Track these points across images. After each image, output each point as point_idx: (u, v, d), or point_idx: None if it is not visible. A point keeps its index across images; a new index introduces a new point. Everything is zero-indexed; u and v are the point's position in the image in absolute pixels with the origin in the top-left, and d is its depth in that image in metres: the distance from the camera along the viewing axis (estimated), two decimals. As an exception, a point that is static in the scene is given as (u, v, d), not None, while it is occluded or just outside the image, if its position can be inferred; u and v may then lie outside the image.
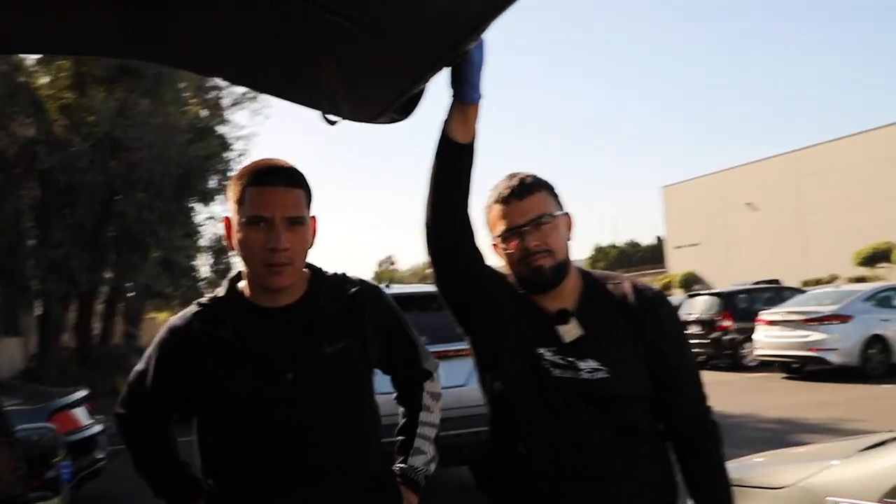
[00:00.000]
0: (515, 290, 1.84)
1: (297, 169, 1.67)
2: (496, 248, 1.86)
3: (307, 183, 1.67)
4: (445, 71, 1.60)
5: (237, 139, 18.11)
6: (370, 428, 1.74)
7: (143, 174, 12.65)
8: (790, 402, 10.46)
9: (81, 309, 16.69)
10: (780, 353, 13.04)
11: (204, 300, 1.74)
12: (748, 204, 40.43)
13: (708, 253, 42.51)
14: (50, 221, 13.26)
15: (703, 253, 42.93)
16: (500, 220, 1.81)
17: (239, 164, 17.40)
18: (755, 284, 19.32)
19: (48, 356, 14.01)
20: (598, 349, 1.75)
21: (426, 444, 1.87)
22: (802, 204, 37.44)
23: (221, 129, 17.95)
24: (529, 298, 1.83)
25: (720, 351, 14.93)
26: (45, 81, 13.94)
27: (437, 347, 3.39)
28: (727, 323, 15.08)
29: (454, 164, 1.69)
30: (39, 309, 14.71)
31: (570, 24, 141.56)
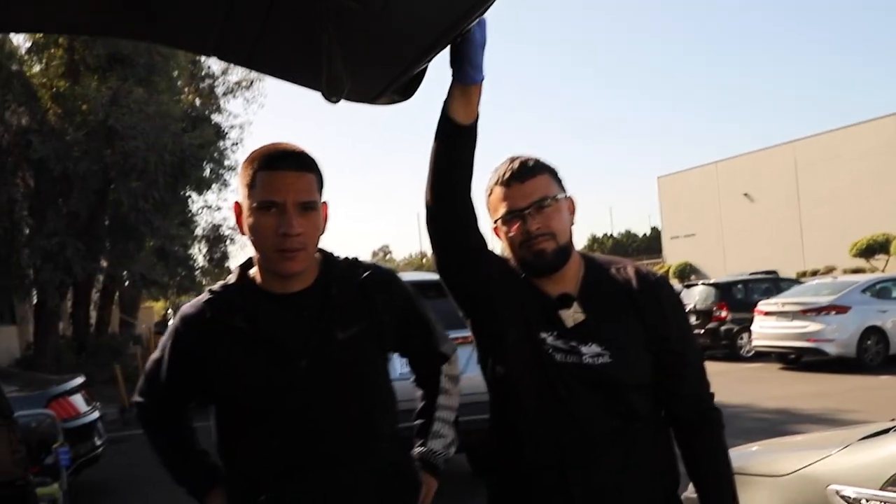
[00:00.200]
0: (517, 274, 1.82)
1: (308, 153, 1.64)
2: (497, 231, 1.84)
3: (319, 167, 1.65)
4: (446, 51, 1.57)
5: (231, 128, 18.10)
6: (385, 414, 1.72)
7: (137, 163, 12.56)
8: (787, 392, 10.50)
9: (77, 297, 16.67)
10: (777, 343, 13.08)
11: (215, 287, 1.72)
12: (745, 194, 40.44)
13: (704, 243, 42.53)
14: (44, 210, 13.20)
15: (699, 243, 42.95)
16: (501, 202, 1.78)
17: (234, 152, 17.40)
18: (752, 275, 19.36)
19: (44, 344, 13.99)
20: (600, 334, 1.74)
21: (445, 427, 1.86)
22: (800, 195, 37.46)
23: (216, 117, 17.92)
24: (531, 282, 1.81)
25: (717, 341, 14.95)
26: (37, 70, 13.86)
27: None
28: (724, 313, 15.11)
29: (455, 145, 1.67)
30: (35, 298, 14.67)
31: (568, 13, 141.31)
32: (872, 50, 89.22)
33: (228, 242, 19.04)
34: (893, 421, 2.85)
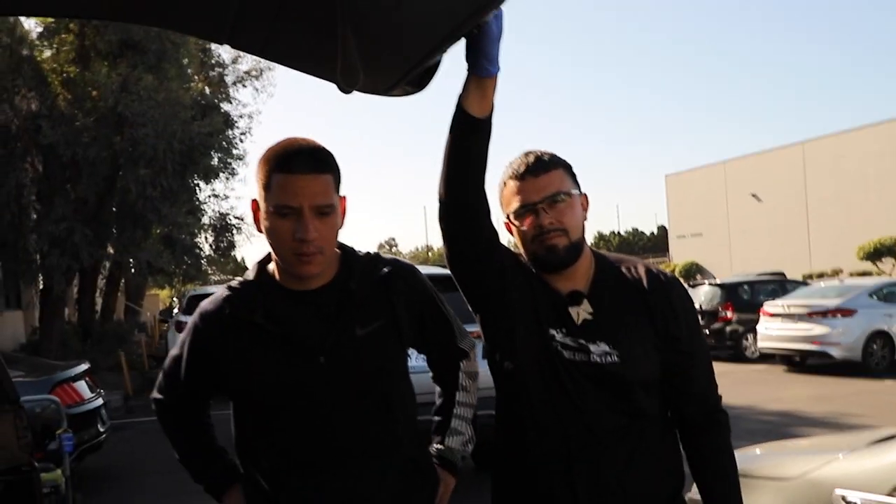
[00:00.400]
0: (528, 269, 1.81)
1: (324, 150, 1.61)
2: (509, 226, 1.83)
3: (335, 164, 1.61)
4: (461, 42, 1.55)
5: (240, 117, 18.07)
6: (405, 410, 1.71)
7: (146, 150, 12.57)
8: (791, 394, 10.47)
9: (83, 284, 16.71)
10: (782, 345, 13.04)
11: (234, 284, 1.71)
12: (753, 194, 40.27)
13: (710, 243, 42.40)
14: (53, 196, 13.23)
15: (705, 243, 42.82)
16: (514, 196, 1.77)
17: (242, 141, 17.38)
18: (759, 276, 19.30)
19: (50, 330, 14.03)
20: (609, 332, 1.73)
21: (463, 424, 1.84)
22: (807, 196, 37.29)
23: (225, 106, 17.89)
24: (542, 278, 1.80)
25: (722, 342, 14.92)
26: (48, 55, 13.86)
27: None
28: (729, 314, 15.08)
29: (470, 138, 1.65)
30: (42, 283, 14.71)
31: (578, 10, 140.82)
32: (883, 52, 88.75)
33: (235, 232, 19.05)
34: (902, 426, 2.83)
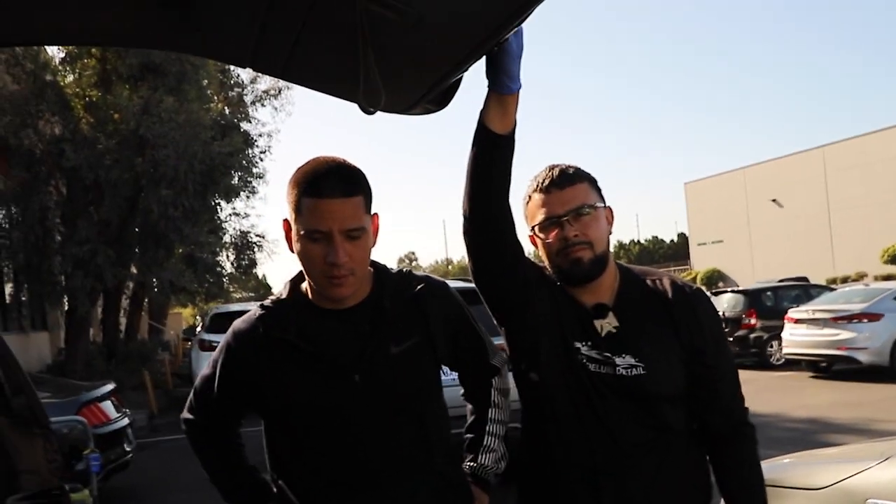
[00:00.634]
0: (552, 282, 1.82)
1: (354, 169, 1.59)
2: (534, 239, 1.83)
3: (366, 184, 1.60)
4: (482, 60, 1.57)
5: (260, 136, 18.22)
6: (439, 428, 1.70)
7: (167, 171, 12.69)
8: (818, 401, 10.33)
9: (107, 304, 16.86)
10: (807, 351, 12.88)
11: (267, 303, 1.71)
12: (773, 200, 39.94)
13: (732, 250, 42.07)
14: (76, 218, 13.39)
15: (726, 250, 42.51)
16: (539, 209, 1.78)
17: (262, 160, 17.52)
18: (781, 282, 19.10)
19: (75, 351, 14.16)
20: (635, 345, 1.73)
21: (496, 441, 1.83)
22: (829, 200, 36.92)
23: (244, 125, 18.05)
24: (566, 291, 1.80)
25: (746, 349, 14.77)
26: (71, 80, 14.09)
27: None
28: (753, 321, 14.94)
29: (493, 154, 1.66)
30: (66, 304, 14.88)
31: (594, 21, 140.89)
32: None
33: (256, 249, 19.18)
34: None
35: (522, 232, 1.80)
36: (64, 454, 4.47)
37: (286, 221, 1.63)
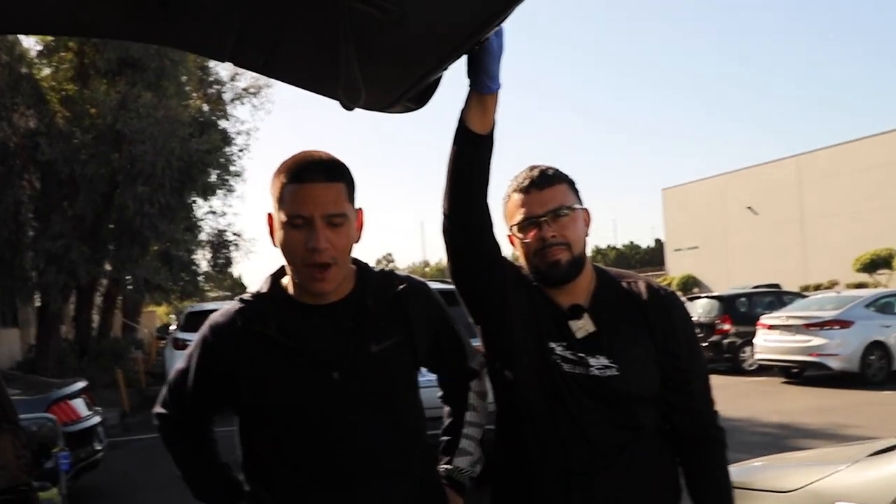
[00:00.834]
0: (529, 282, 1.83)
1: (338, 161, 1.60)
2: (512, 239, 1.84)
3: (349, 175, 1.61)
4: (463, 60, 1.57)
5: (238, 134, 18.11)
6: (416, 429, 1.69)
7: (144, 167, 12.56)
8: (789, 406, 10.45)
9: (80, 301, 16.65)
10: (780, 357, 13.05)
11: (246, 296, 1.68)
12: (749, 208, 40.40)
13: (707, 256, 42.48)
14: (50, 213, 13.21)
15: (702, 256, 42.91)
16: (518, 208, 1.79)
17: (240, 158, 17.44)
18: (755, 288, 19.32)
19: (47, 348, 13.97)
20: (609, 347, 1.75)
21: (472, 444, 1.82)
22: (803, 209, 37.42)
23: (223, 123, 17.94)
24: (543, 292, 1.81)
25: (719, 354, 14.92)
26: (47, 73, 13.90)
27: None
28: (727, 326, 15.09)
29: (472, 153, 1.67)
30: (38, 300, 14.67)
31: (572, 24, 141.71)
32: (878, 64, 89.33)
33: (232, 248, 19.05)
34: (901, 437, 2.83)
35: (501, 233, 1.81)
36: (33, 452, 4.41)
37: (269, 215, 1.62)
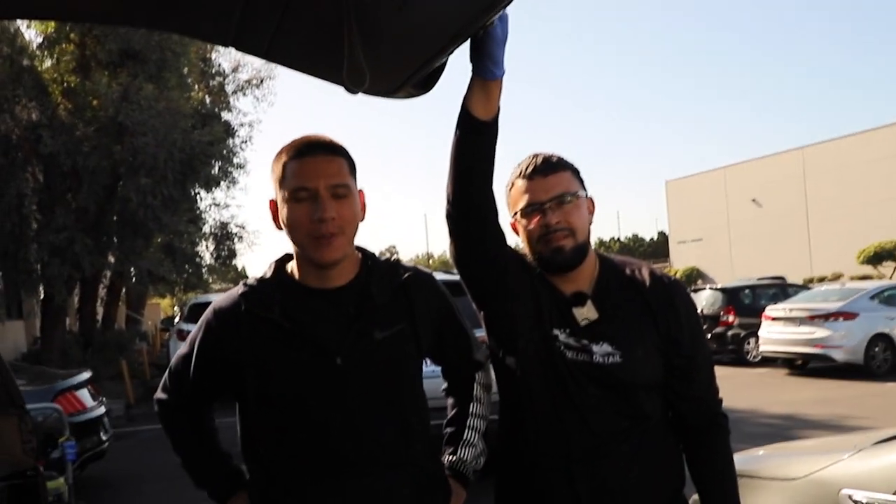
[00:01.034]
0: (533, 269, 1.82)
1: (337, 141, 1.63)
2: (516, 225, 1.84)
3: (349, 154, 1.63)
4: (466, 45, 1.56)
5: (241, 125, 18.09)
6: (419, 418, 1.67)
7: (146, 159, 12.56)
8: (793, 398, 10.45)
9: (84, 293, 16.68)
10: (784, 349, 13.04)
11: (250, 281, 1.68)
12: (753, 200, 40.30)
13: (711, 248, 42.40)
14: (53, 206, 13.23)
15: (706, 248, 42.83)
16: (522, 195, 1.79)
17: (242, 150, 17.42)
18: (760, 280, 19.29)
19: (51, 340, 14.02)
20: (612, 334, 1.74)
21: (476, 436, 1.81)
22: (808, 201, 37.32)
23: (225, 115, 17.92)
24: (546, 279, 1.81)
25: (723, 346, 14.92)
26: (48, 65, 13.88)
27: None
28: (731, 318, 15.08)
29: (475, 140, 1.66)
30: (43, 293, 14.70)
31: (576, 12, 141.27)
32: (883, 56, 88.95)
33: (236, 240, 19.05)
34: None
35: (504, 220, 1.80)
36: (39, 442, 4.43)
37: (272, 201, 1.62)
